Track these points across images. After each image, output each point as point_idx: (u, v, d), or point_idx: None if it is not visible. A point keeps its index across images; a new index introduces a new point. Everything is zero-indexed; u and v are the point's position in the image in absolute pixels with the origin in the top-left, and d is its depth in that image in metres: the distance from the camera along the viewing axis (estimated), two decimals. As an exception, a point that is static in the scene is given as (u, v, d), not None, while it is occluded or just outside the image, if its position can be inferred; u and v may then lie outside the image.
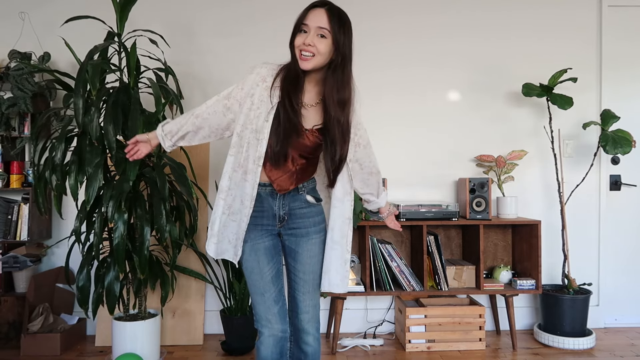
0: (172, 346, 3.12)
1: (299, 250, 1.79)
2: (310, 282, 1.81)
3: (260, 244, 1.75)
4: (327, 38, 1.59)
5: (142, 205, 2.57)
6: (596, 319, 3.44)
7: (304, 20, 1.60)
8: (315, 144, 1.71)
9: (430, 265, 3.10)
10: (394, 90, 3.43)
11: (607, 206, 3.49)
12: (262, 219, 1.75)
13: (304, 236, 1.79)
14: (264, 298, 1.74)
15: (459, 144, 3.45)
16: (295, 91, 1.64)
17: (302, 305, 1.82)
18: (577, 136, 3.47)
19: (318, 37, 1.59)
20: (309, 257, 1.79)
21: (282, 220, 1.76)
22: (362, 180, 1.93)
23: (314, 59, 1.60)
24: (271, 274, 1.75)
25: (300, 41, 1.60)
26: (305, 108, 1.68)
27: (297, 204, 1.77)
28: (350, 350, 3.08)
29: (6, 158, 3.18)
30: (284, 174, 1.70)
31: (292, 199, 1.76)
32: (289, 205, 1.75)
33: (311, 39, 1.58)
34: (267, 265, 1.75)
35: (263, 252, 1.75)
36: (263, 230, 1.76)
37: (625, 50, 3.48)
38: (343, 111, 1.66)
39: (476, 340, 3.03)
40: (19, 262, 3.08)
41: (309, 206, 1.79)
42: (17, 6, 3.33)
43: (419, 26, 3.44)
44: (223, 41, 3.39)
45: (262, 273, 1.74)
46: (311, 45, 1.58)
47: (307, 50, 1.59)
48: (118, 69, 2.72)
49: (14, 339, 3.02)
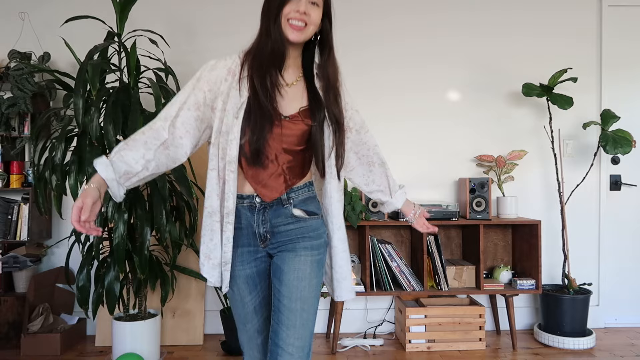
0: (172, 346, 3.12)
1: (284, 268, 1.43)
2: (297, 313, 1.40)
3: (241, 271, 1.46)
4: (320, 7, 1.41)
5: (142, 205, 2.57)
6: (596, 319, 3.44)
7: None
8: (301, 131, 1.43)
9: (430, 265, 3.10)
10: (394, 90, 3.43)
11: (607, 206, 3.49)
12: (241, 238, 1.45)
13: (290, 251, 1.44)
14: (245, 328, 1.53)
15: (459, 144, 3.45)
16: (275, 70, 1.42)
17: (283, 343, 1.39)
18: (577, 136, 3.47)
19: (311, 5, 1.38)
20: (295, 278, 1.41)
21: (264, 239, 1.46)
22: (363, 174, 1.65)
23: (307, 29, 1.39)
24: (254, 304, 1.50)
25: (292, 9, 1.37)
26: (285, 89, 1.44)
27: (281, 220, 1.45)
28: (350, 350, 3.08)
29: (6, 158, 3.18)
30: (269, 177, 1.43)
31: (275, 213, 1.44)
32: (271, 221, 1.44)
33: (304, 6, 1.37)
34: (249, 295, 1.48)
35: (243, 280, 1.47)
36: (244, 254, 1.46)
37: (625, 50, 3.48)
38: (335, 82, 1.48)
39: (476, 340, 3.03)
40: (19, 262, 3.08)
41: (296, 221, 1.46)
42: (17, 6, 3.33)
43: (419, 26, 3.44)
44: (223, 41, 3.39)
45: (244, 303, 1.49)
46: (306, 14, 1.37)
47: (301, 19, 1.37)
48: (118, 69, 2.72)
49: (14, 339, 3.02)
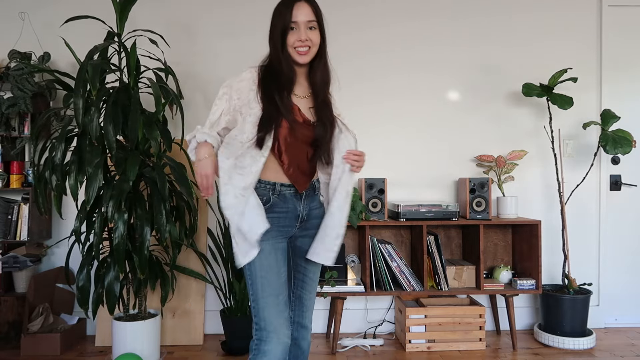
0: (172, 346, 3.12)
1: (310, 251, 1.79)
2: (315, 281, 1.85)
3: (280, 244, 1.71)
4: (317, 29, 1.68)
5: (142, 205, 2.58)
6: (596, 319, 3.44)
7: (292, 19, 1.65)
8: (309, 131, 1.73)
9: (430, 265, 3.10)
10: (394, 91, 3.42)
11: (607, 206, 3.48)
12: (285, 219, 1.72)
13: (312, 237, 1.78)
14: (277, 300, 1.65)
15: (459, 144, 3.45)
16: (289, 86, 1.70)
17: (308, 303, 1.83)
18: (577, 136, 3.47)
19: (309, 30, 1.66)
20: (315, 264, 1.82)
21: (302, 221, 1.76)
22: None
23: (311, 51, 1.68)
24: (285, 277, 1.72)
25: (295, 38, 1.65)
26: (298, 99, 1.73)
27: (315, 204, 1.79)
28: (350, 350, 3.08)
29: (6, 158, 3.18)
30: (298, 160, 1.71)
31: (311, 199, 1.77)
32: (309, 205, 1.76)
33: (305, 34, 1.65)
34: (284, 266, 1.71)
35: (282, 252, 1.72)
36: (281, 232, 1.72)
37: (625, 50, 3.48)
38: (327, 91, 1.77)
39: (476, 340, 3.03)
40: (19, 262, 3.08)
41: (321, 206, 1.81)
42: (17, 6, 3.33)
43: (419, 27, 3.44)
44: (223, 41, 3.39)
45: (280, 273, 1.68)
46: (307, 40, 1.66)
47: (305, 45, 1.66)
48: (118, 69, 2.72)
49: (14, 339, 3.02)
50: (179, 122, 3.22)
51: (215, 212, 3.28)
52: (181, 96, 2.91)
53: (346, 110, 3.32)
